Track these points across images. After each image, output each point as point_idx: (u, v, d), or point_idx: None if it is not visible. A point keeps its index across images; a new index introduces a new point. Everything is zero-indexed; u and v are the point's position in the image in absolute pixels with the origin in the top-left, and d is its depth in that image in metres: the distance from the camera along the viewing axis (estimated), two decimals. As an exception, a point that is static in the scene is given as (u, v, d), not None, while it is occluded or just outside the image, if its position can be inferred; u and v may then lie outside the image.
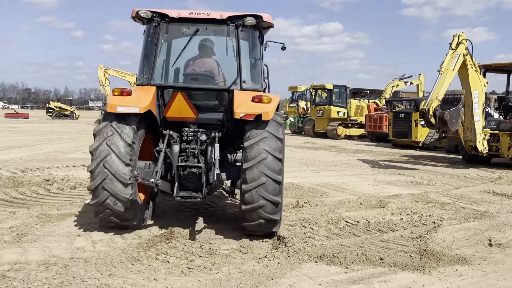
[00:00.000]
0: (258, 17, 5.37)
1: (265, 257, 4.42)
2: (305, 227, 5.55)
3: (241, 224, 5.06)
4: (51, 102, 48.16)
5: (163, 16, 5.37)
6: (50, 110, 44.45)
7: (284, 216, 6.03)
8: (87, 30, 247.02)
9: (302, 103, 28.36)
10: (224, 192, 5.57)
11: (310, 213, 6.29)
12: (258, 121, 4.90)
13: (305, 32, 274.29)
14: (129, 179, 4.82)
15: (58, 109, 44.36)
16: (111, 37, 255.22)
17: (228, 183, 5.85)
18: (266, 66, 6.04)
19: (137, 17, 5.43)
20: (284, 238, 4.96)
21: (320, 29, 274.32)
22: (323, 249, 4.72)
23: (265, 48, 5.97)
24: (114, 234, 5.11)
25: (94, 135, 4.99)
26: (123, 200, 4.87)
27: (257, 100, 5.01)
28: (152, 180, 4.82)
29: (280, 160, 4.81)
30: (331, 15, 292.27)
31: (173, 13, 5.37)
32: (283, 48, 6.09)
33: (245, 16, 5.33)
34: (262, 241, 5.00)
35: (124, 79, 29.79)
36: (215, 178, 4.88)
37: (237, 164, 5.59)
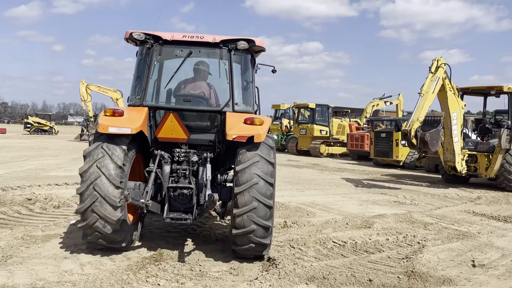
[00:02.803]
0: (250, 41, 5.45)
1: (256, 279, 4.44)
2: (294, 248, 5.60)
3: (231, 247, 5.11)
4: (29, 117, 47.27)
5: (157, 38, 5.41)
6: (28, 125, 43.58)
7: (273, 237, 6.04)
8: (68, 44, 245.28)
9: (285, 121, 28.61)
10: (215, 214, 5.57)
11: (298, 234, 6.34)
12: (250, 143, 4.96)
13: (286, 51, 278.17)
14: (119, 201, 4.79)
15: (36, 124, 43.55)
16: (93, 52, 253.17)
17: (218, 204, 5.85)
18: (257, 88, 6.12)
19: (130, 38, 5.47)
20: (275, 259, 4.99)
21: (301, 48, 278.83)
22: (313, 270, 4.76)
23: (256, 70, 6.06)
24: (102, 256, 5.05)
25: (84, 157, 4.94)
26: (112, 222, 4.81)
27: (250, 122, 5.07)
28: (142, 201, 4.73)
29: (272, 185, 4.86)
30: (312, 34, 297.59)
31: (166, 35, 5.41)
32: (274, 71, 6.16)
33: (238, 40, 5.41)
34: (253, 263, 5.02)
35: (106, 95, 29.59)
36: (206, 199, 4.81)
37: (228, 184, 5.58)
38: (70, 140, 31.82)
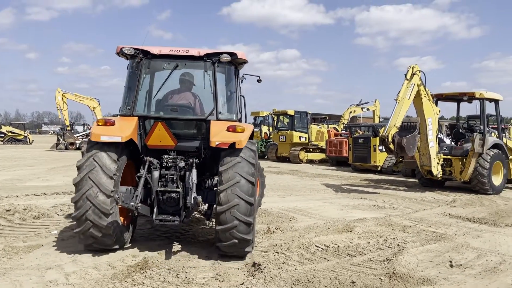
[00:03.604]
0: (232, 54, 5.82)
1: (242, 284, 4.51)
2: (278, 253, 5.68)
3: (215, 244, 5.38)
4: (2, 126, 46.02)
5: (145, 53, 5.77)
6: (1, 135, 42.40)
7: (257, 242, 6.15)
8: (42, 52, 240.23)
9: (264, 128, 28.79)
10: (202, 215, 5.79)
11: (281, 239, 6.43)
12: (232, 149, 5.33)
13: (264, 58, 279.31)
14: (111, 209, 5.17)
15: (10, 133, 42.43)
16: (68, 60, 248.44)
17: (205, 206, 6.07)
18: (243, 97, 6.54)
19: (121, 53, 5.82)
20: (260, 264, 5.06)
21: (279, 55, 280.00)
22: (297, 274, 4.86)
23: (242, 80, 6.45)
24: (86, 266, 5.03)
25: (78, 168, 5.28)
26: (104, 228, 5.19)
27: (232, 129, 5.45)
28: (132, 204, 5.08)
29: (253, 183, 5.22)
30: (289, 42, 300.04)
31: (154, 50, 5.78)
32: (259, 81, 6.60)
33: (221, 53, 5.76)
34: (238, 269, 5.08)
35: (83, 103, 29.22)
36: (192, 202, 5.17)
37: (214, 188, 5.83)
38: (46, 150, 31.15)
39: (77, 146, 30.66)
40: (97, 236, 5.22)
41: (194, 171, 5.52)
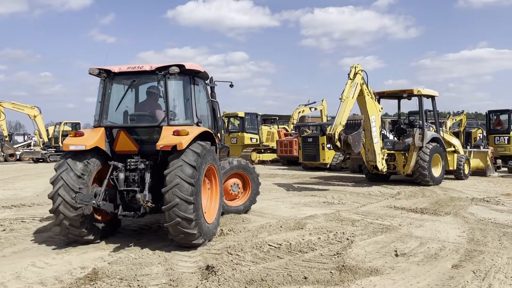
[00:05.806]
0: (181, 66, 6.44)
1: (196, 288, 4.49)
2: (231, 254, 5.71)
3: (164, 225, 5.99)
4: None
5: (108, 72, 6.57)
6: None
7: (210, 245, 6.17)
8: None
9: (215, 131, 28.68)
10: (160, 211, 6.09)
11: (235, 240, 6.47)
12: (176, 151, 5.89)
13: (212, 61, 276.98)
14: (78, 204, 5.83)
15: None
16: (4, 67, 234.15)
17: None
18: (217, 102, 7.61)
19: (90, 73, 6.56)
20: (213, 267, 5.07)
21: (227, 58, 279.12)
22: (251, 274, 4.91)
23: (213, 87, 7.40)
24: (31, 281, 4.80)
25: (55, 170, 6.10)
26: (74, 219, 5.96)
27: (176, 133, 6.00)
28: (94, 202, 5.75)
29: (194, 168, 5.82)
30: (237, 45, 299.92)
31: (115, 68, 6.55)
32: (231, 86, 7.63)
33: (170, 66, 6.36)
34: (192, 273, 5.06)
35: (22, 112, 27.61)
36: (146, 199, 5.89)
37: None
38: (-17, 162, 29.20)
39: (18, 158, 29.02)
40: (68, 227, 6.00)
41: (148, 173, 6.20)
